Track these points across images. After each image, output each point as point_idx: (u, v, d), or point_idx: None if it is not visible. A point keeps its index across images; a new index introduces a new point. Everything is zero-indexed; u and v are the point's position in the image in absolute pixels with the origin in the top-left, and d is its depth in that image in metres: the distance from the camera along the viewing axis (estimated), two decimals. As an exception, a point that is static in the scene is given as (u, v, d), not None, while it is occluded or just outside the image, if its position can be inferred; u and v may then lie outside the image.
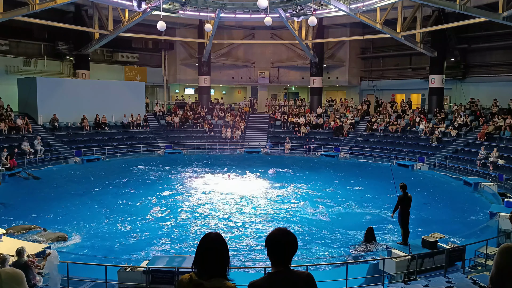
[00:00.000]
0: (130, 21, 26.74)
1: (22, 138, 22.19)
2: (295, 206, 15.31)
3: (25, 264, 7.01)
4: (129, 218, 13.60)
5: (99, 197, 16.25)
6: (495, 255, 2.14)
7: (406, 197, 9.75)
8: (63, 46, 28.27)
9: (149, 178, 20.06)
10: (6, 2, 21.08)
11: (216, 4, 25.97)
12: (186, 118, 31.42)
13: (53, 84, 26.06)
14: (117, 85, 29.68)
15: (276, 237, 2.44)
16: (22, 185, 18.14)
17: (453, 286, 7.23)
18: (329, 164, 24.40)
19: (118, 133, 27.66)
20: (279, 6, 25.12)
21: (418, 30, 25.81)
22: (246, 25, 34.06)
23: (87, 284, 8.20)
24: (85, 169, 21.70)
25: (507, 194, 14.95)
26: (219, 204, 15.54)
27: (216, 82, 36.10)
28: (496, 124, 22.46)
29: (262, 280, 2.43)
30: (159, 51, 35.25)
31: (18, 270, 2.36)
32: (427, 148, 24.63)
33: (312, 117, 31.29)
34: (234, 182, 19.12)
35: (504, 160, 19.70)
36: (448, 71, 27.83)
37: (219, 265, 2.36)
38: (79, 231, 12.17)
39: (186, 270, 7.12)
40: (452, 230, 11.89)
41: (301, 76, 35.80)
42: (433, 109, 27.45)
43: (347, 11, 24.55)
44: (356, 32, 32.00)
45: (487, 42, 27.08)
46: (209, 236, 2.42)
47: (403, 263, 8.76)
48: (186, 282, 2.38)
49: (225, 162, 24.84)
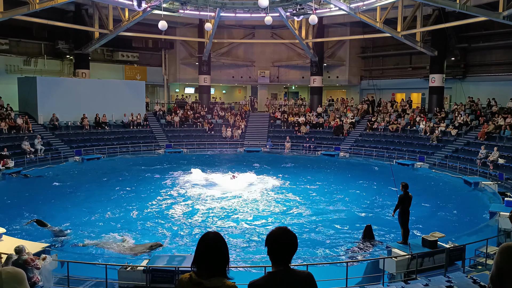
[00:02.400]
0: (130, 20, 26.74)
1: (22, 138, 22.19)
2: (296, 205, 15.31)
3: (24, 263, 7.02)
4: (128, 219, 13.60)
5: (99, 197, 16.23)
6: (495, 255, 2.14)
7: (406, 196, 9.75)
8: (63, 45, 28.29)
9: (149, 178, 20.05)
10: (6, 1, 21.07)
11: (216, 3, 25.95)
12: (186, 118, 31.42)
13: (53, 83, 26.05)
14: (117, 85, 29.68)
15: (275, 236, 2.43)
16: (20, 185, 18.12)
17: (453, 285, 7.23)
18: (329, 163, 24.39)
19: (118, 132, 27.66)
20: (280, 5, 25.11)
21: (418, 29, 25.79)
22: (246, 24, 34.05)
23: (87, 283, 8.19)
24: (85, 168, 21.70)
25: (507, 193, 14.95)
26: (219, 203, 15.53)
27: (216, 82, 36.10)
28: (496, 123, 22.46)
29: (262, 280, 2.42)
30: (159, 50, 35.25)
31: (19, 269, 2.35)
32: (427, 147, 24.63)
33: (312, 117, 31.28)
34: (236, 181, 19.10)
35: (504, 159, 19.70)
36: (448, 70, 27.82)
37: (219, 264, 2.36)
38: (79, 231, 12.17)
39: (186, 269, 7.12)
40: (452, 230, 11.89)
41: (301, 75, 35.79)
42: (433, 108, 27.44)
43: (347, 10, 24.55)
44: (356, 31, 32.00)
45: (487, 41, 27.07)
46: (208, 235, 2.42)
47: (403, 262, 8.76)
48: (186, 282, 2.37)
49: (226, 161, 24.85)
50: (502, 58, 26.74)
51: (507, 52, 26.34)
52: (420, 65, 30.86)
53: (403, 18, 25.85)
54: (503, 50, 26.62)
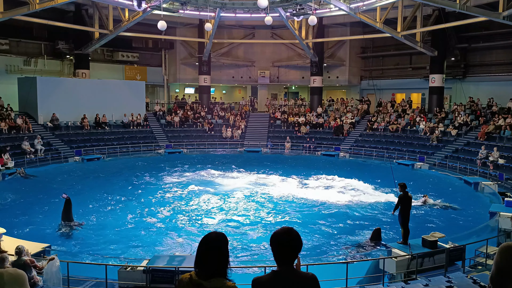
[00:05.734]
0: (130, 21, 26.73)
1: (22, 138, 22.18)
2: (297, 205, 15.31)
3: (24, 264, 7.01)
4: (129, 217, 13.60)
5: (100, 196, 16.24)
6: (495, 255, 2.14)
7: (406, 196, 9.76)
8: (63, 45, 28.28)
9: (149, 177, 20.05)
10: (6, 1, 21.06)
11: (216, 4, 25.94)
12: (186, 118, 31.42)
13: (53, 83, 26.05)
14: (117, 85, 29.67)
15: (279, 236, 2.46)
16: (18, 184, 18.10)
17: (453, 285, 7.22)
18: (329, 163, 24.38)
19: (118, 133, 27.66)
20: (279, 5, 25.10)
21: (418, 30, 25.79)
22: (246, 25, 34.04)
23: (87, 283, 8.19)
24: (85, 169, 21.70)
25: (507, 194, 14.95)
26: (219, 203, 15.53)
27: (216, 82, 36.09)
28: (496, 124, 22.45)
29: (265, 277, 2.46)
30: (159, 51, 35.24)
31: (21, 271, 2.36)
32: (427, 148, 24.63)
33: (312, 117, 31.28)
34: (237, 181, 19.11)
35: (504, 159, 19.69)
36: (448, 71, 27.82)
37: (219, 265, 2.36)
38: (81, 230, 12.18)
39: (186, 270, 7.11)
40: (452, 230, 11.88)
41: (301, 75, 35.79)
42: (433, 109, 27.43)
43: (347, 11, 24.55)
44: (356, 32, 31.99)
45: (487, 42, 27.06)
46: (209, 236, 2.42)
47: (403, 262, 8.76)
48: (186, 282, 2.37)
49: (226, 161, 24.84)
50: (502, 58, 26.74)
51: (507, 52, 26.33)
52: (420, 65, 30.84)
53: (403, 18, 25.84)
54: (503, 50, 26.62)
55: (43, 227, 12.36)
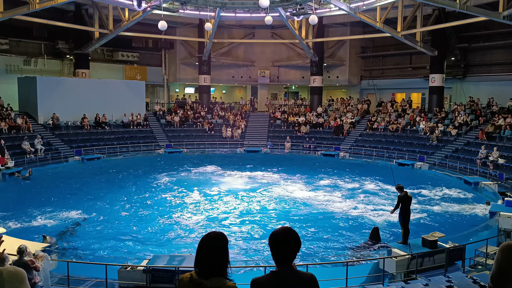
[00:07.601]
0: (130, 20, 26.73)
1: (22, 137, 22.17)
2: (297, 204, 15.31)
3: (25, 264, 7.00)
4: (129, 216, 13.60)
5: (100, 196, 16.24)
6: (496, 254, 2.14)
7: (406, 196, 9.76)
8: (63, 45, 28.27)
9: (149, 177, 20.04)
10: (6, 1, 21.06)
11: (216, 3, 25.94)
12: (186, 117, 31.42)
13: (53, 83, 26.04)
14: (117, 84, 29.67)
15: (278, 236, 2.44)
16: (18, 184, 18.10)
17: (453, 285, 7.22)
18: (329, 163, 24.38)
19: (118, 132, 27.65)
20: (280, 5, 25.10)
21: (419, 29, 25.79)
22: (246, 24, 34.03)
23: (87, 283, 8.19)
24: (85, 168, 21.69)
25: (507, 193, 14.95)
26: (219, 202, 15.53)
27: (216, 81, 36.08)
28: (496, 123, 22.45)
29: (264, 278, 2.44)
30: (159, 50, 35.24)
31: (20, 268, 2.36)
32: (427, 147, 24.62)
33: (312, 116, 31.28)
34: (236, 181, 19.12)
35: (504, 159, 19.69)
36: (448, 70, 27.81)
37: (220, 264, 2.36)
38: (80, 229, 12.18)
39: (186, 269, 7.11)
40: (452, 230, 11.88)
41: (301, 75, 35.79)
42: (433, 108, 27.43)
43: (347, 10, 24.55)
44: (356, 31, 31.99)
45: (487, 41, 27.06)
46: (209, 235, 2.42)
47: (403, 262, 8.76)
48: (186, 281, 2.37)
49: (226, 161, 24.83)
50: (502, 58, 26.73)
51: (507, 52, 26.32)
52: (420, 65, 30.84)
53: (403, 18, 25.84)
54: (503, 50, 26.60)
55: (43, 227, 12.35)
